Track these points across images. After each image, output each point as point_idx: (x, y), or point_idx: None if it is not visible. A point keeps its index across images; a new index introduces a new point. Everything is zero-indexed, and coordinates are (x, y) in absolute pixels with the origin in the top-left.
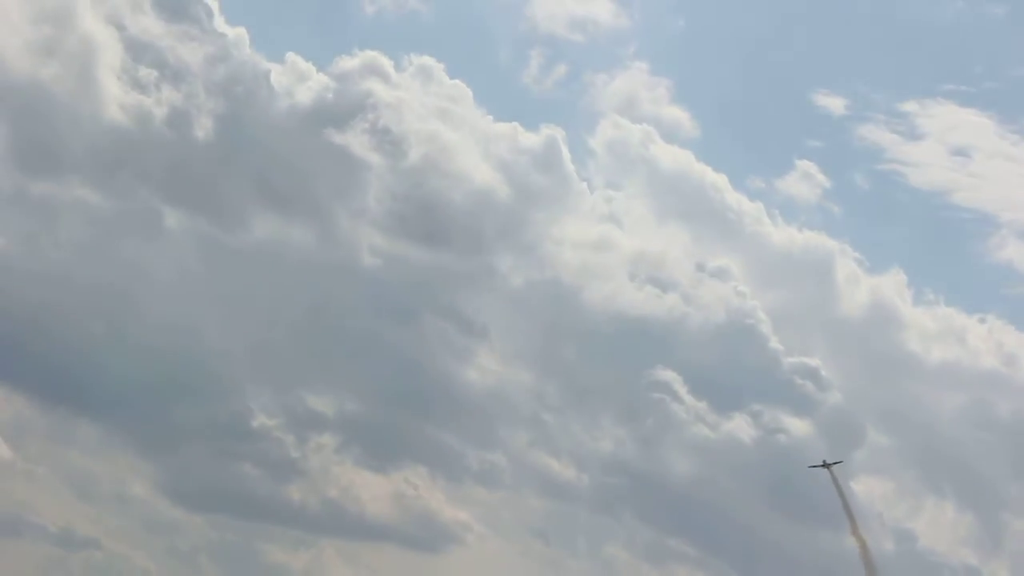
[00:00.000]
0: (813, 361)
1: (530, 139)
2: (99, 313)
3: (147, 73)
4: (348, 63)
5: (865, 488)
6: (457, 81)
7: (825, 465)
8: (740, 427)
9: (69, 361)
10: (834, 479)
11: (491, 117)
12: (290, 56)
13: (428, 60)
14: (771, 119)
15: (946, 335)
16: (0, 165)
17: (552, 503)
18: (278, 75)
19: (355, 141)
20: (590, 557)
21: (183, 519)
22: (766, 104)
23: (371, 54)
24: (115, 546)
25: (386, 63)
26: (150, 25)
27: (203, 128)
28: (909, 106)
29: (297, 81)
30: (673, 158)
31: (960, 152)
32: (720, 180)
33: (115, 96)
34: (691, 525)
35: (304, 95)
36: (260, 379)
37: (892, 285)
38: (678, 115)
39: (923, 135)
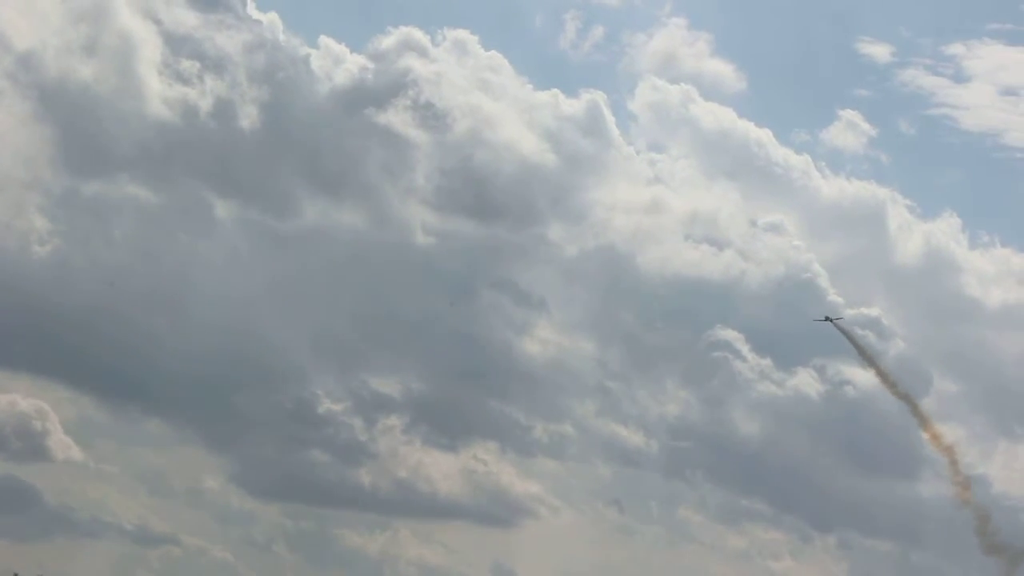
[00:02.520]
0: (873, 311)
1: (572, 105)
2: (158, 310)
3: (189, 65)
4: (384, 41)
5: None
6: (493, 52)
7: (828, 319)
8: (806, 382)
9: (132, 360)
10: (841, 329)
11: (531, 86)
12: (323, 39)
13: (462, 33)
14: (814, 69)
15: (1005, 276)
16: (49, 167)
17: (622, 470)
18: (315, 59)
19: (398, 119)
20: (664, 522)
21: (257, 509)
22: (808, 54)
23: (405, 30)
24: (192, 540)
25: (422, 38)
26: (185, 16)
27: (248, 117)
28: (955, 48)
29: (334, 64)
30: (715, 116)
31: (1010, 92)
32: (764, 135)
33: (158, 91)
34: (763, 483)
35: (343, 77)
36: (323, 365)
37: (946, 229)
38: (721, 68)
39: (971, 77)
